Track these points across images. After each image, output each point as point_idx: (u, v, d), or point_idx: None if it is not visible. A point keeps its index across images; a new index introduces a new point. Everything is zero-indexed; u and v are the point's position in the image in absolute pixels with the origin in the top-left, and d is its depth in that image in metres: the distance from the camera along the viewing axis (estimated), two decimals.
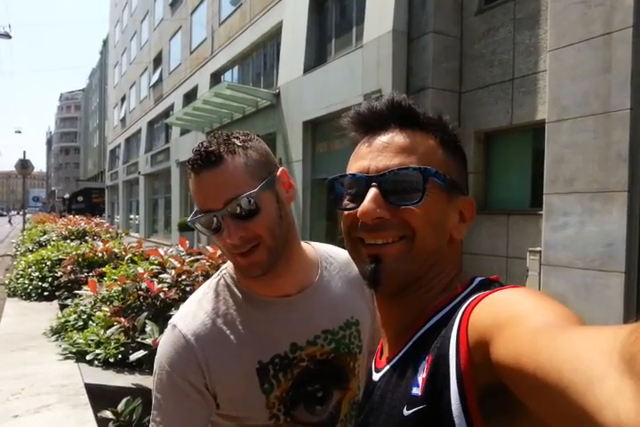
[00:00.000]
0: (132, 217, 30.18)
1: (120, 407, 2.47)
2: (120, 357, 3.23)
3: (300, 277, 1.03)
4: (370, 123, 0.72)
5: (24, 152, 16.33)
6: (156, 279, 3.40)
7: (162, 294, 3.21)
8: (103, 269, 4.63)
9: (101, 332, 3.44)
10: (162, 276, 3.43)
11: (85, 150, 66.62)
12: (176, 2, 20.85)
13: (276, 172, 0.96)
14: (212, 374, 0.93)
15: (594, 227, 5.28)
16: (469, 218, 0.72)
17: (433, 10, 7.35)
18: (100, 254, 5.73)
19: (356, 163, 0.71)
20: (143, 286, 3.34)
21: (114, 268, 4.55)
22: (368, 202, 0.64)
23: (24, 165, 15.75)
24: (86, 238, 7.91)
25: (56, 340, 3.95)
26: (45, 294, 5.79)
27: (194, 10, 18.77)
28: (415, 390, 0.58)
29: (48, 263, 6.29)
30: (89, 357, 3.35)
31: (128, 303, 3.39)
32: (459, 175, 0.71)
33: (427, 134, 0.70)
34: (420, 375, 0.58)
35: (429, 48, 7.37)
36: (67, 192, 52.05)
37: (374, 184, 0.66)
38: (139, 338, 3.05)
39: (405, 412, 0.58)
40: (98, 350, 3.36)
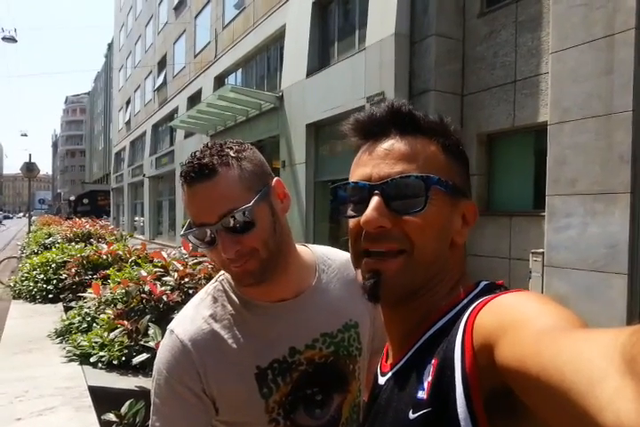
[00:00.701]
0: (137, 219, 30.29)
1: (123, 410, 2.46)
2: (124, 359, 3.21)
3: (297, 281, 1.02)
4: (370, 130, 0.71)
5: (30, 155, 16.35)
6: (158, 282, 3.40)
7: (164, 297, 3.21)
8: (107, 272, 4.63)
9: (105, 334, 3.43)
10: (165, 279, 3.43)
11: (91, 153, 66.93)
12: (180, 6, 20.97)
13: (270, 182, 0.94)
14: (210, 379, 0.92)
15: (596, 228, 5.27)
16: (472, 221, 0.71)
17: (435, 13, 7.37)
18: (105, 257, 5.72)
19: (359, 170, 0.70)
20: (146, 288, 3.35)
21: (118, 270, 4.56)
22: (370, 211, 0.64)
23: (30, 167, 15.78)
24: (91, 241, 7.91)
25: (60, 342, 3.94)
26: (50, 296, 5.78)
27: (198, 13, 18.86)
28: (421, 394, 0.58)
29: (53, 266, 6.28)
30: (93, 359, 3.33)
31: (131, 306, 3.39)
32: (461, 180, 0.70)
33: (428, 140, 0.69)
34: (426, 379, 0.59)
35: (432, 51, 7.38)
36: (72, 194, 52.23)
37: (377, 192, 0.65)
38: (142, 341, 3.06)
39: (411, 415, 0.58)
40: (102, 353, 3.34)
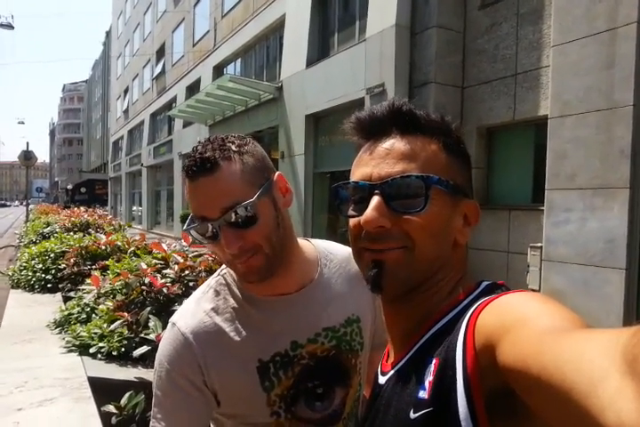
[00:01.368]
0: (134, 209, 30.23)
1: (123, 402, 2.46)
2: (123, 350, 3.22)
3: (300, 275, 1.02)
4: (371, 129, 0.71)
5: (27, 143, 16.28)
6: (159, 274, 3.40)
7: (165, 290, 3.21)
8: (106, 263, 4.63)
9: (105, 325, 3.44)
10: (165, 271, 3.42)
11: (88, 142, 66.52)
12: None
13: (272, 176, 0.94)
14: (211, 372, 0.93)
15: (595, 223, 5.28)
16: (474, 221, 0.71)
17: (436, 4, 7.30)
18: (104, 247, 5.72)
19: (359, 170, 0.70)
20: (146, 280, 3.34)
21: (117, 261, 4.55)
22: (371, 210, 0.64)
23: (27, 155, 15.70)
24: (89, 231, 7.91)
25: (59, 332, 3.95)
26: (49, 286, 5.80)
27: (197, 2, 18.68)
28: (422, 394, 0.58)
29: (51, 255, 6.28)
30: (92, 350, 3.33)
31: (131, 298, 3.40)
32: (463, 179, 0.70)
33: (429, 139, 0.68)
34: (427, 379, 0.59)
35: (432, 42, 7.33)
36: (70, 183, 51.94)
37: (377, 192, 0.65)
38: (142, 333, 3.06)
39: (412, 415, 0.59)
40: (101, 344, 3.34)
